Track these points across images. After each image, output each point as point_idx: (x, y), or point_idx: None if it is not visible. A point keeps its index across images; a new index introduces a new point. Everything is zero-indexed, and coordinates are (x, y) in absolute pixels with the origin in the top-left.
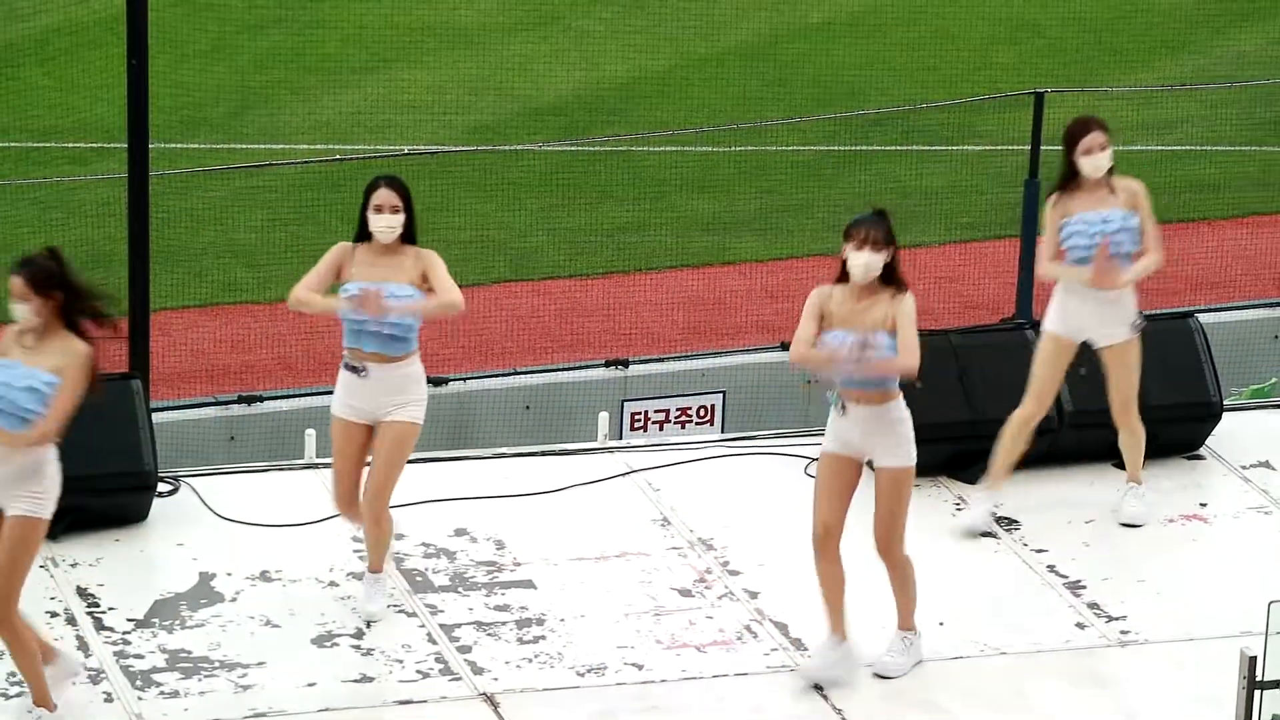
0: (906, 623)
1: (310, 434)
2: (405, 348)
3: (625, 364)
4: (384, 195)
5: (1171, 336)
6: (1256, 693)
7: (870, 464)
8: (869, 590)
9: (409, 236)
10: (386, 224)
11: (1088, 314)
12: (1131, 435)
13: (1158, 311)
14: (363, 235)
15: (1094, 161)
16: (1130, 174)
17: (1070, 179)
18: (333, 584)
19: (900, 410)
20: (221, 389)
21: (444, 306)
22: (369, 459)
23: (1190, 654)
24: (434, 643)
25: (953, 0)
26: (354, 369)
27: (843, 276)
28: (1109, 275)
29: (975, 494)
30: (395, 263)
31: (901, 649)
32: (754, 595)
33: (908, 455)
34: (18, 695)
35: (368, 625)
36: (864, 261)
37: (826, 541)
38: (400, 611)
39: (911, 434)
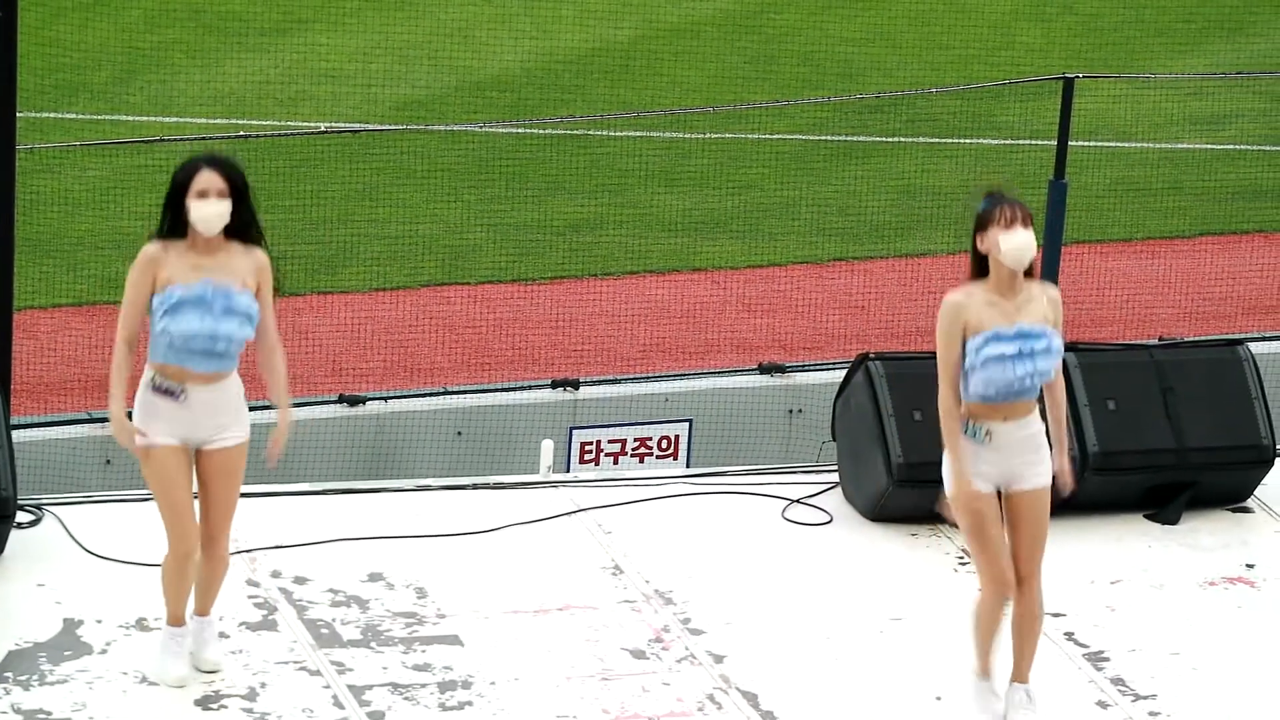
0: (1027, 673)
1: None
2: (235, 363)
3: (575, 385)
4: (208, 178)
5: (1217, 367)
6: None
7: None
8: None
9: (239, 231)
10: (214, 211)
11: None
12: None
13: (1202, 338)
14: (175, 230)
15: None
16: (1172, 178)
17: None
18: (221, 635)
19: (1040, 419)
20: (96, 404)
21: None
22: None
23: None
24: (340, 706)
25: None
26: (168, 391)
27: (978, 273)
28: None
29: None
30: (223, 261)
31: (1028, 703)
32: (719, 659)
33: (1049, 468)
34: None
35: (261, 685)
36: (1024, 241)
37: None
38: (301, 669)
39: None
